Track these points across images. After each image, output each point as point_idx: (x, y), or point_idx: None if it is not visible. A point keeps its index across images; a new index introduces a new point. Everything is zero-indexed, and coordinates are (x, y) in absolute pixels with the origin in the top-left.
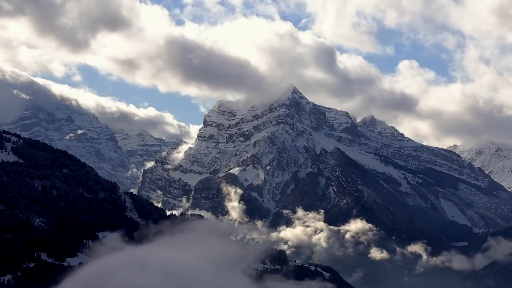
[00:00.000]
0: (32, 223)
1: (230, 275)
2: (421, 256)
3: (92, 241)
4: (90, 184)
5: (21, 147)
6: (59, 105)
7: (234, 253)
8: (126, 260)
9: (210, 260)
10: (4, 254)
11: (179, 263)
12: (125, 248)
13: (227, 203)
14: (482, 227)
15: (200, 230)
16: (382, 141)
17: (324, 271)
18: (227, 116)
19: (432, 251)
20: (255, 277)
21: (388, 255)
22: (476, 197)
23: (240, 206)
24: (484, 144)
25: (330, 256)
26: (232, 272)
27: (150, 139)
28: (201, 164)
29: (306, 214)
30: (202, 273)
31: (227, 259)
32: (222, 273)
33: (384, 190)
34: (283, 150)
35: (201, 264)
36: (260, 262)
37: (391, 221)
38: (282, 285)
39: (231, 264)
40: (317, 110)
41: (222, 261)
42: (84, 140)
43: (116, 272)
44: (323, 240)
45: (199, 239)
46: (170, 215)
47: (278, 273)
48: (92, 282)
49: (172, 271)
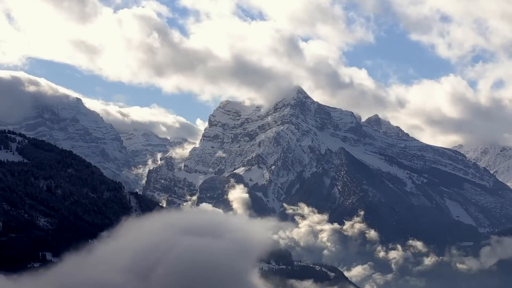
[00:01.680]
0: (37, 223)
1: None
2: (426, 255)
3: (97, 241)
4: (95, 184)
5: (26, 147)
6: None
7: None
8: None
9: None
10: (9, 254)
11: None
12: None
13: (232, 203)
14: (487, 227)
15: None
16: (387, 141)
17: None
18: (232, 116)
19: (437, 251)
20: (260, 277)
21: (393, 255)
22: (481, 197)
23: (245, 206)
24: (489, 144)
25: (335, 255)
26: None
27: (155, 139)
28: (206, 164)
29: (311, 214)
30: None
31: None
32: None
33: (389, 190)
34: (288, 150)
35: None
36: (265, 262)
37: (396, 220)
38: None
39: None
40: (322, 110)
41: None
42: (89, 140)
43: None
44: (328, 239)
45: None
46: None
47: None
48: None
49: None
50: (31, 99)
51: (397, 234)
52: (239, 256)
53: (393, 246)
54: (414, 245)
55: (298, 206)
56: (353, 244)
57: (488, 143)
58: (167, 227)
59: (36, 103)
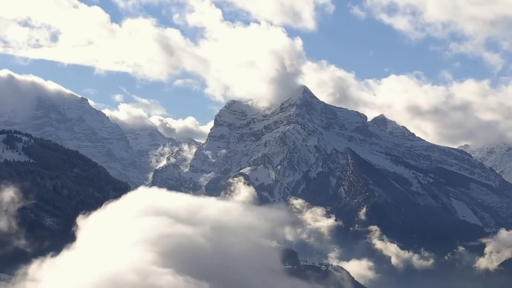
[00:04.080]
0: (43, 223)
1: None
2: (432, 255)
3: None
4: (101, 184)
5: (32, 147)
6: (70, 105)
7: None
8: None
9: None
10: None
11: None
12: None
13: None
14: (493, 227)
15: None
16: (393, 141)
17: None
18: (238, 115)
19: (443, 250)
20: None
21: (398, 254)
22: (487, 196)
23: (251, 205)
24: (495, 143)
25: (340, 255)
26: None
27: (161, 138)
28: (212, 164)
29: (316, 213)
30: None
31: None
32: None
33: (395, 190)
34: (294, 150)
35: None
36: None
37: (402, 220)
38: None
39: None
40: (328, 109)
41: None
42: (95, 140)
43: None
44: (334, 239)
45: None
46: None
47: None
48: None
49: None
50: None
51: (403, 234)
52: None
53: (399, 246)
54: (419, 245)
55: (304, 206)
56: (358, 244)
57: (494, 143)
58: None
59: (42, 103)
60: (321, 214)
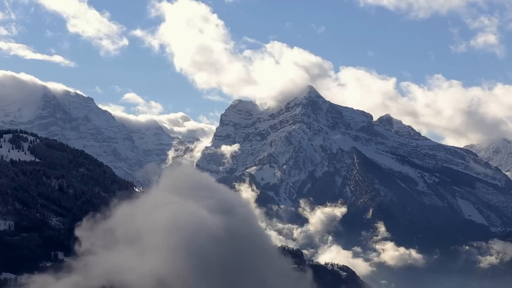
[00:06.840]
0: (49, 222)
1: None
2: (437, 254)
3: None
4: (106, 183)
5: (38, 147)
6: (76, 105)
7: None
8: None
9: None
10: (21, 253)
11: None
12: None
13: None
14: (499, 226)
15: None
16: (399, 140)
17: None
18: (243, 115)
19: (449, 249)
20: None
21: (404, 253)
22: (493, 196)
23: (256, 205)
24: (500, 143)
25: (346, 255)
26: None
27: (166, 138)
28: (217, 163)
29: (322, 213)
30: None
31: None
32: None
33: (400, 189)
34: (299, 149)
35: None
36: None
37: (408, 220)
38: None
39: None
40: (333, 109)
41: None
42: (100, 139)
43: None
44: (340, 238)
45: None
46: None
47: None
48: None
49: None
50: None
51: (408, 233)
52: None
53: (404, 245)
54: (425, 244)
55: (310, 205)
56: (364, 243)
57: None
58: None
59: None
60: (327, 213)
